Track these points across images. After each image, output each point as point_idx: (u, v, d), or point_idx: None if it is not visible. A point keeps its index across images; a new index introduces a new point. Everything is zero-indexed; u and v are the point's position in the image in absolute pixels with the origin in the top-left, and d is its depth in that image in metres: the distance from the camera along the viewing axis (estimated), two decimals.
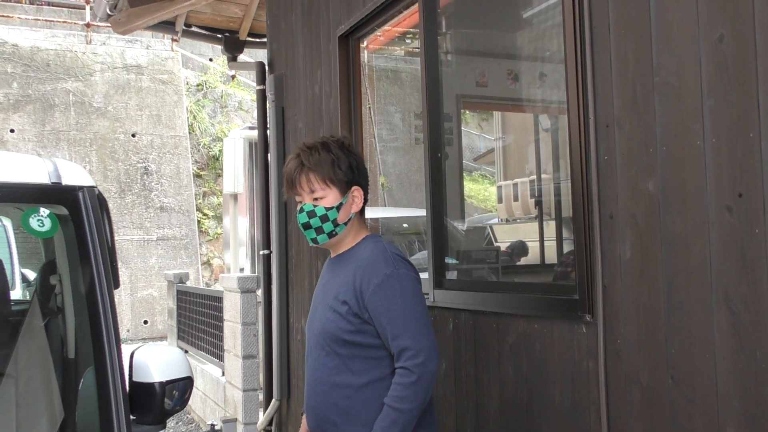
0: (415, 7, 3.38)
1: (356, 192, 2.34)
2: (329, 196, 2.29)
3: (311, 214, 2.28)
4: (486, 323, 2.74)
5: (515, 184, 5.28)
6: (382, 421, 2.12)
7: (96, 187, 2.06)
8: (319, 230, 2.29)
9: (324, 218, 2.28)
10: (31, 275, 4.79)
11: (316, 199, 2.28)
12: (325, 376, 2.24)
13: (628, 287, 2.09)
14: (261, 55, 6.77)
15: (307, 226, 2.30)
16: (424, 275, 3.27)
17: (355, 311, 2.20)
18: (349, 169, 2.31)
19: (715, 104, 1.82)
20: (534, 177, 4.87)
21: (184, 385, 2.01)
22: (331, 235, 2.31)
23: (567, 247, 4.14)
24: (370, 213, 4.25)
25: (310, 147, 2.32)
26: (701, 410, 1.86)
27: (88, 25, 13.59)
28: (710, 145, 1.83)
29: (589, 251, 2.21)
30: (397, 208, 8.15)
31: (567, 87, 2.29)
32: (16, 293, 4.96)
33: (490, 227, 6.12)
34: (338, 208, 2.29)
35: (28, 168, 2.06)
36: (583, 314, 2.22)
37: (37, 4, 14.97)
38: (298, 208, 2.33)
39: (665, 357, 1.96)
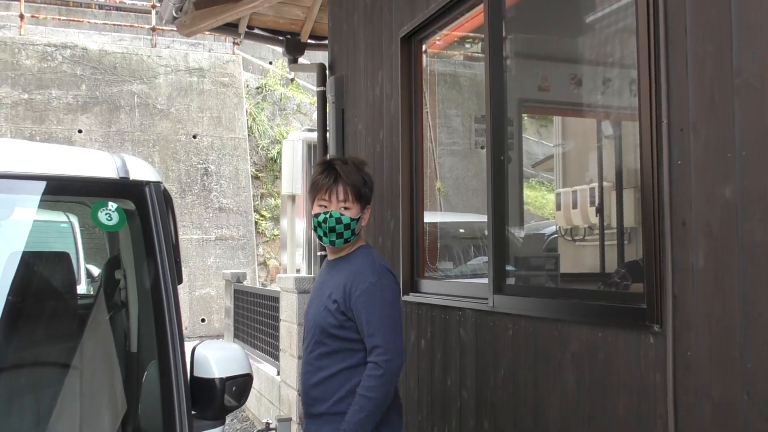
0: (479, 9, 3.33)
1: (367, 211, 2.78)
2: (353, 209, 2.70)
3: (338, 221, 2.68)
4: (547, 330, 2.68)
5: (574, 192, 5.17)
6: (353, 407, 2.55)
7: (162, 183, 2.09)
8: (340, 236, 2.69)
9: (347, 227, 2.69)
10: (95, 271, 4.90)
11: (343, 208, 2.68)
12: (312, 359, 2.69)
13: (701, 297, 2.00)
14: (320, 57, 6.81)
15: (332, 230, 2.68)
16: (483, 280, 3.23)
17: (342, 309, 2.63)
18: (370, 190, 2.77)
19: None
20: (595, 184, 4.76)
21: (244, 381, 2.02)
22: (346, 241, 2.73)
23: (628, 257, 4.04)
24: (428, 217, 4.23)
25: (345, 163, 2.74)
26: None
27: (153, 29, 13.93)
28: None
29: (659, 259, 2.13)
30: (453, 213, 8.08)
31: (639, 90, 2.22)
32: (81, 288, 5.09)
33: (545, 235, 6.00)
34: (357, 220, 2.72)
35: (97, 163, 2.10)
36: (651, 324, 2.14)
37: (106, 9, 15.43)
38: (326, 212, 2.69)
39: (740, 372, 1.87)
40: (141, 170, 2.09)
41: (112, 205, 1.97)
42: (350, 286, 2.63)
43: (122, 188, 2.04)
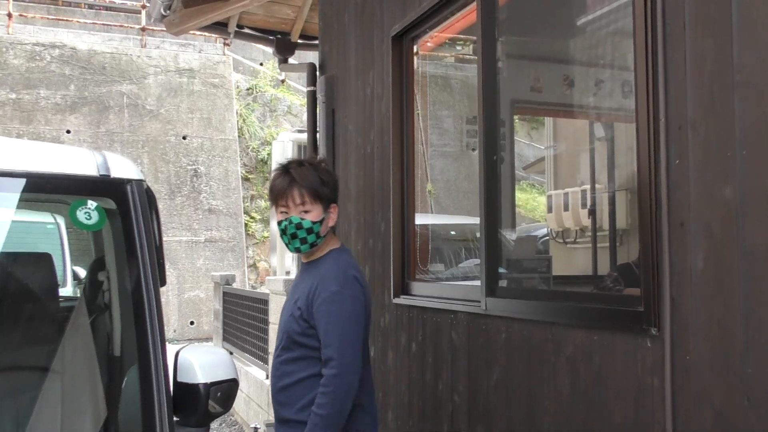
0: (471, 6, 3.28)
1: (333, 210, 2.69)
2: (315, 211, 2.61)
3: (299, 226, 2.60)
4: (541, 333, 2.62)
5: (566, 194, 5.13)
6: (308, 424, 2.48)
7: (144, 181, 2.02)
8: (304, 240, 2.62)
9: (309, 230, 2.61)
10: (82, 273, 4.82)
11: (303, 212, 2.60)
12: (279, 364, 2.64)
13: (700, 300, 1.95)
14: (311, 57, 6.75)
15: (294, 236, 2.62)
16: (475, 282, 3.18)
17: (305, 317, 2.57)
18: (332, 190, 2.68)
19: None
20: (587, 186, 4.72)
21: (229, 387, 1.95)
22: (312, 245, 2.65)
23: (620, 260, 4.00)
24: (419, 219, 4.17)
25: (301, 164, 2.67)
26: None
27: (143, 29, 13.84)
28: None
29: (657, 261, 2.08)
30: (444, 215, 8.04)
31: (636, 86, 2.17)
32: (67, 290, 5.01)
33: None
34: (321, 222, 2.63)
35: (76, 160, 2.03)
36: (649, 327, 2.09)
37: (96, 9, 15.32)
38: (285, 219, 2.63)
39: (741, 377, 1.81)
40: (122, 168, 2.02)
41: (92, 204, 1.90)
42: (313, 294, 2.57)
43: (102, 186, 1.96)
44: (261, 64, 16.10)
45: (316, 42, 5.47)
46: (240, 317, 8.26)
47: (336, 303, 2.52)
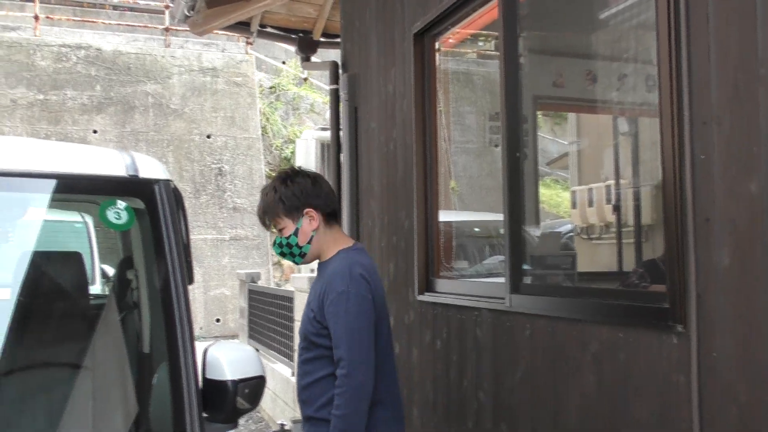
0: (493, 3, 3.28)
1: (309, 213, 2.72)
2: (286, 227, 2.73)
3: (280, 245, 2.77)
4: (566, 330, 2.62)
5: (590, 189, 5.09)
6: (330, 426, 2.52)
7: (172, 181, 2.05)
8: (291, 255, 2.77)
9: (288, 246, 2.75)
10: (110, 271, 4.89)
11: (279, 232, 2.75)
12: (301, 364, 2.72)
13: (726, 297, 1.94)
14: (333, 55, 6.77)
15: (283, 255, 2.80)
16: (500, 279, 3.17)
17: (318, 318, 2.63)
18: (293, 198, 2.71)
19: None
20: (612, 181, 4.69)
21: (257, 384, 1.98)
22: (301, 255, 2.77)
23: (646, 255, 3.96)
24: (442, 216, 4.17)
25: (263, 191, 2.81)
26: None
27: (167, 29, 13.95)
28: None
29: (682, 257, 2.07)
30: (467, 212, 8.02)
31: (660, 81, 2.15)
32: (96, 288, 5.08)
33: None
34: (295, 233, 2.72)
35: (105, 160, 2.07)
36: (674, 324, 2.08)
37: (120, 10, 15.47)
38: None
39: (767, 374, 1.80)
40: (150, 168, 2.05)
41: (121, 204, 1.94)
42: (323, 295, 2.62)
43: (131, 186, 2.00)
44: (283, 63, 16.15)
45: (338, 40, 5.49)
46: (265, 315, 8.32)
47: (342, 303, 2.56)
